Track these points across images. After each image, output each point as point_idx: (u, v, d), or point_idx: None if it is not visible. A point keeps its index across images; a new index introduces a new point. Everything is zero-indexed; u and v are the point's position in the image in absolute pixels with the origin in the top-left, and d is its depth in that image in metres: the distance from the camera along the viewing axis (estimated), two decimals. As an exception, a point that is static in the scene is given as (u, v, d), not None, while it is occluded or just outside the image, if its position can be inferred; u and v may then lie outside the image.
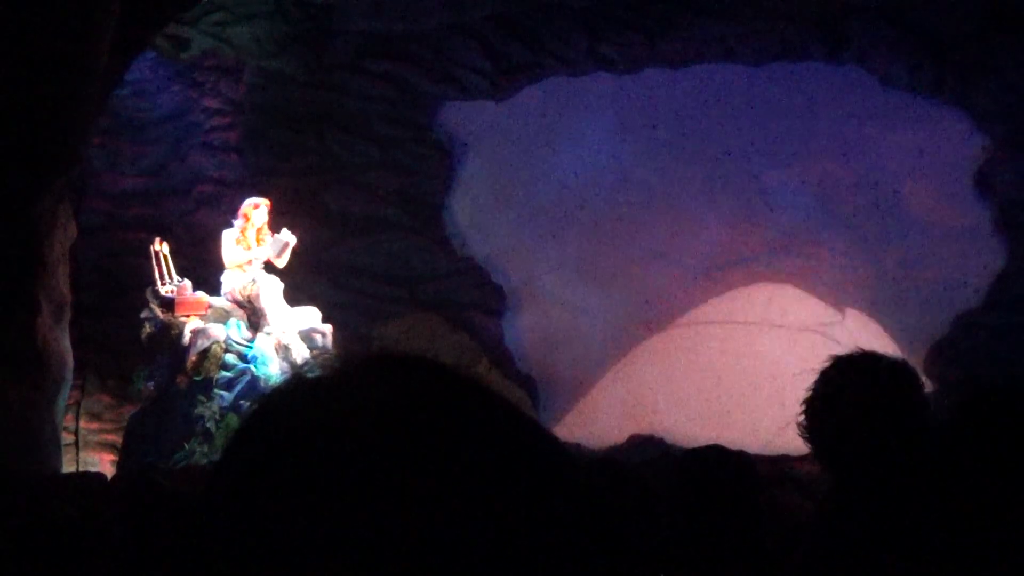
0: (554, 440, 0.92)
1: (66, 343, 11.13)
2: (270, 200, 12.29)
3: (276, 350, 11.83)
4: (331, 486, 0.83)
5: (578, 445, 13.56)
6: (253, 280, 12.07)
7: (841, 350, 2.98)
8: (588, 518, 0.88)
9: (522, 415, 0.91)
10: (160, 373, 11.92)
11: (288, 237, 12.18)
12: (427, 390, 0.90)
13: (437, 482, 0.84)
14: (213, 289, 12.22)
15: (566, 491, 0.88)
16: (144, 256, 12.30)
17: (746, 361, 14.92)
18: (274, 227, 12.26)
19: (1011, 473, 2.19)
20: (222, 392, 11.72)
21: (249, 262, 12.12)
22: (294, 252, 12.32)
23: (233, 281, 12.14)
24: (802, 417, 2.79)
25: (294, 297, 12.43)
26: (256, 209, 12.12)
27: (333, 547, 0.82)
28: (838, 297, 15.02)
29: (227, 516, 0.86)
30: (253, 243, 12.12)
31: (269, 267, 12.28)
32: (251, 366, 11.84)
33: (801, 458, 9.49)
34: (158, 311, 12.01)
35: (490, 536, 0.83)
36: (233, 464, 0.89)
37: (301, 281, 13.02)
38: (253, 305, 12.05)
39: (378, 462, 0.84)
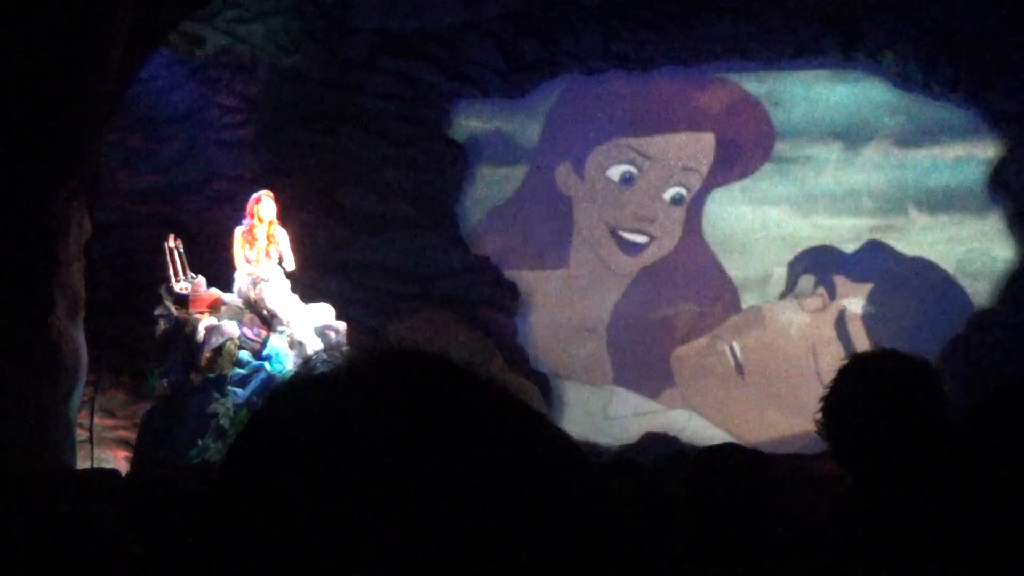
0: (566, 438, 0.91)
1: (81, 340, 11.16)
2: (271, 191, 12.23)
3: (290, 347, 11.84)
4: (339, 483, 0.82)
5: (591, 443, 13.55)
6: (256, 283, 12.03)
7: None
8: (601, 517, 0.88)
9: (534, 413, 0.91)
10: (174, 370, 11.93)
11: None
12: (437, 387, 0.89)
13: (447, 480, 0.83)
14: (227, 286, 12.23)
15: (579, 490, 0.87)
16: (158, 253, 12.31)
17: (762, 357, 14.89)
18: (283, 220, 12.23)
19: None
20: (236, 389, 11.74)
21: (251, 274, 12.06)
22: (305, 249, 12.32)
23: (242, 282, 12.15)
24: (820, 415, 2.77)
25: (308, 294, 12.44)
26: (259, 204, 12.05)
27: (341, 544, 0.81)
28: (853, 294, 14.98)
29: (235, 512, 0.85)
30: (263, 242, 12.03)
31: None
32: (265, 363, 11.85)
33: (817, 456, 9.45)
34: (172, 308, 12.02)
35: (502, 535, 0.82)
36: (240, 460, 0.88)
37: (315, 278, 13.03)
38: (259, 307, 12.04)
39: (387, 459, 0.83)
